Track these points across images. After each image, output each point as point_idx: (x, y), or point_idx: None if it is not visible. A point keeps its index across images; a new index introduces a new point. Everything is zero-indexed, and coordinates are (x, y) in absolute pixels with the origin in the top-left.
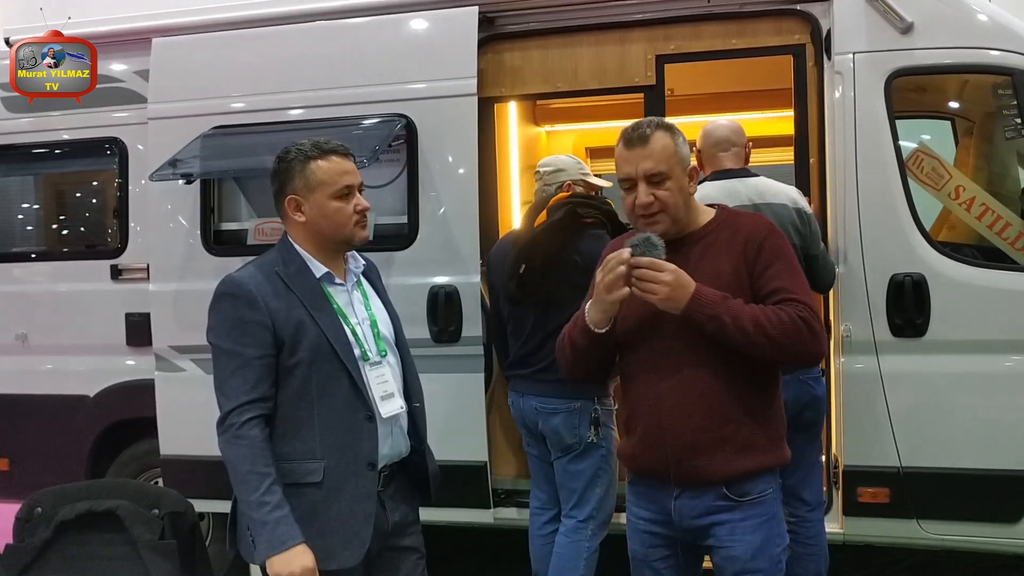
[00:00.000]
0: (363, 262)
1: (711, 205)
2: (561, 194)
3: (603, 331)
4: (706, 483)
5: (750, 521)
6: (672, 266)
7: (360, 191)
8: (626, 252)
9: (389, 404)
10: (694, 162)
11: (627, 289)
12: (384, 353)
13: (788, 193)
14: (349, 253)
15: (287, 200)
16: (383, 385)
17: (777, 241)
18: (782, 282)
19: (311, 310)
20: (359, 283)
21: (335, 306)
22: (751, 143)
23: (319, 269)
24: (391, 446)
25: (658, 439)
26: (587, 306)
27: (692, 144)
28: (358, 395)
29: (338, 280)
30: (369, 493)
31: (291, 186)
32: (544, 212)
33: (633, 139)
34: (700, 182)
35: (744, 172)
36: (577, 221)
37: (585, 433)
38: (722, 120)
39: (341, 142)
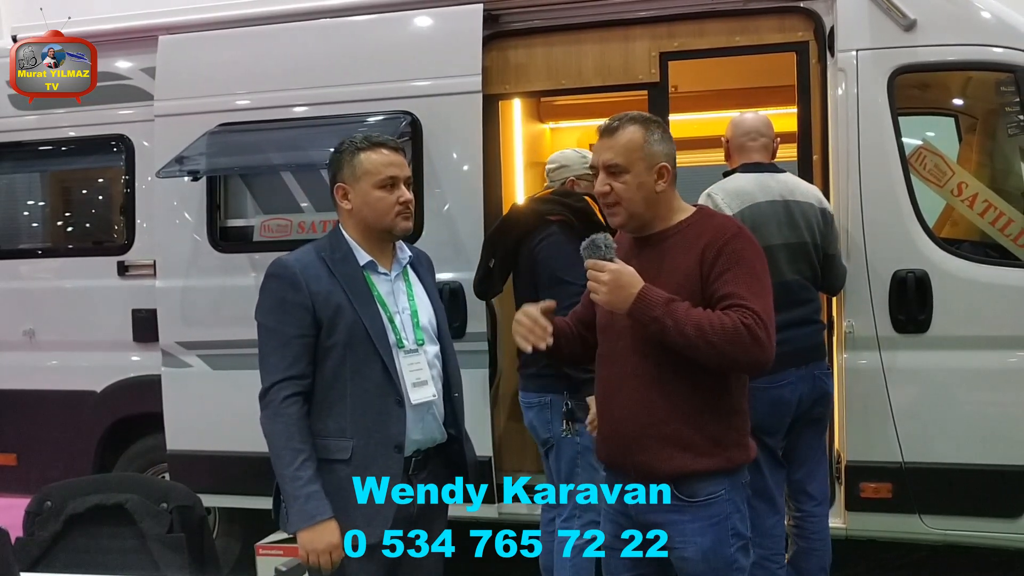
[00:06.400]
0: (410, 253)
1: (695, 205)
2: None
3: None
4: (653, 478)
5: (698, 524)
6: (613, 266)
7: (406, 184)
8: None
9: (420, 391)
10: (671, 162)
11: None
12: (421, 342)
13: (815, 194)
14: (397, 244)
15: (336, 188)
16: (416, 372)
17: (740, 246)
18: (735, 287)
19: (350, 296)
20: (405, 274)
21: (375, 294)
22: (779, 138)
23: (363, 257)
24: (423, 432)
25: (610, 431)
26: None
27: (722, 137)
28: (389, 380)
29: (382, 269)
30: (394, 474)
31: (340, 175)
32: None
33: (604, 130)
34: (730, 173)
35: (773, 167)
36: (538, 219)
37: (558, 428)
38: (750, 113)
39: (393, 138)
